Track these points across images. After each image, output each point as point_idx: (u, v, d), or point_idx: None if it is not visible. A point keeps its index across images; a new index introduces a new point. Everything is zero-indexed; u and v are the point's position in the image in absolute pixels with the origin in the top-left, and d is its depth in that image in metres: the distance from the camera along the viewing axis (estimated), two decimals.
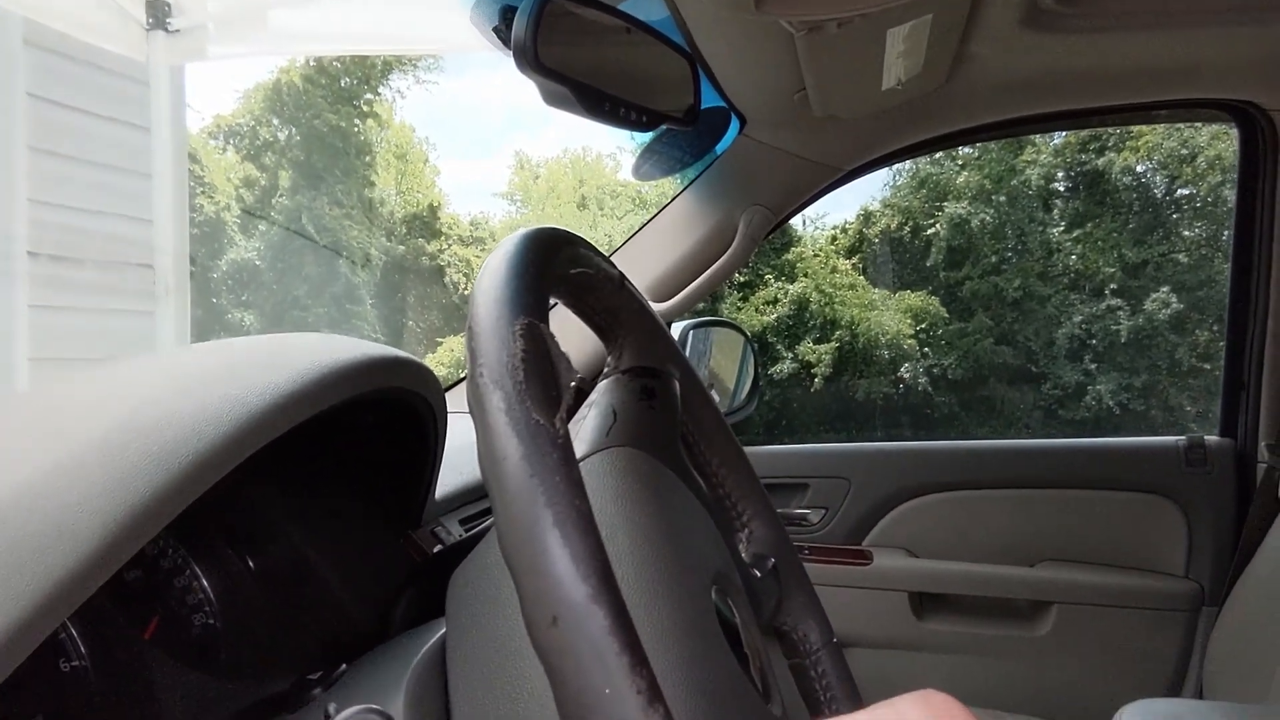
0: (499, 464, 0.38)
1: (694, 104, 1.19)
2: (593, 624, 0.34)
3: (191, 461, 0.54)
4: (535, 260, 0.47)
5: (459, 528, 0.96)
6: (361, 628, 0.86)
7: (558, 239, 0.53)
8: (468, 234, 13.74)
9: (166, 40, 3.12)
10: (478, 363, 0.41)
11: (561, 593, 0.35)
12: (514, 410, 0.39)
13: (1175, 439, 1.90)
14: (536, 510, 0.36)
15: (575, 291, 0.59)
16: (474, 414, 0.40)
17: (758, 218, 1.65)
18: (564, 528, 0.36)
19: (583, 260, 0.57)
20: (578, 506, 0.37)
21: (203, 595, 0.80)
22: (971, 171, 11.77)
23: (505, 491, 0.37)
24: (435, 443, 0.85)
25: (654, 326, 0.66)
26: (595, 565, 0.35)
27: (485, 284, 0.45)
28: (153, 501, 0.51)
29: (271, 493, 0.85)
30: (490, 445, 0.39)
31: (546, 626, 0.35)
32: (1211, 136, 10.53)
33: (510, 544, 0.37)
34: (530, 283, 0.45)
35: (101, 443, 0.54)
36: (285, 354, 0.67)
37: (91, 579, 0.48)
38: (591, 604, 0.34)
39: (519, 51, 0.92)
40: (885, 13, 1.08)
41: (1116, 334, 10.95)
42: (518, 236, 0.49)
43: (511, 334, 0.41)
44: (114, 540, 0.49)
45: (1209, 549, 1.85)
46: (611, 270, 0.61)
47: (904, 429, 11.14)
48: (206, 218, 12.19)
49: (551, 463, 0.37)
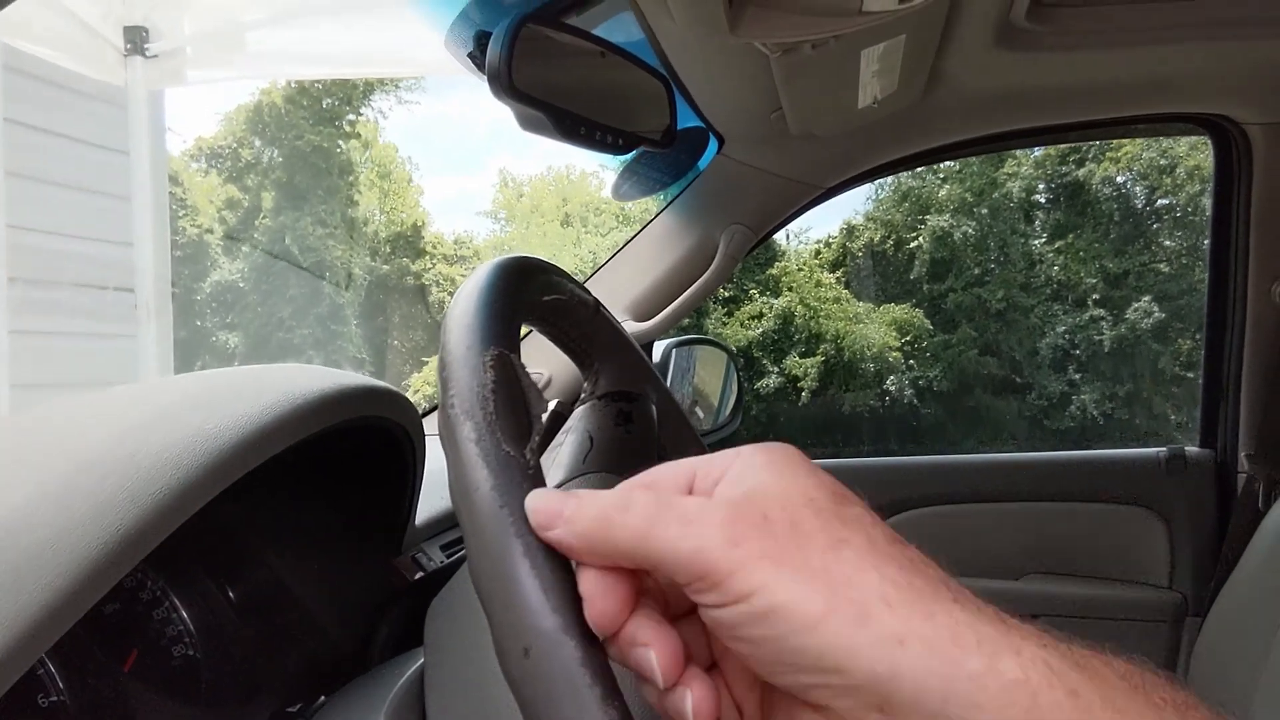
0: (469, 494, 0.38)
1: (670, 126, 1.19)
2: (564, 655, 0.34)
3: (168, 495, 0.54)
4: (506, 289, 0.48)
5: (440, 553, 0.96)
6: (343, 655, 0.86)
7: (529, 267, 0.53)
8: (452, 252, 13.73)
9: (145, 65, 3.12)
10: (449, 393, 0.41)
11: (532, 623, 0.34)
12: (484, 441, 0.39)
13: (1156, 450, 1.90)
14: (507, 540, 0.36)
15: (549, 318, 0.59)
16: (445, 444, 0.40)
17: (738, 236, 1.66)
18: (534, 558, 0.36)
19: (556, 287, 0.57)
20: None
21: (182, 626, 0.79)
22: (953, 184, 11.84)
23: (475, 522, 0.37)
24: (414, 469, 0.85)
25: (629, 350, 0.67)
26: (566, 595, 0.35)
27: (456, 314, 0.45)
28: (128, 537, 0.51)
29: (251, 520, 0.84)
30: (461, 475, 0.39)
31: (518, 658, 0.34)
32: (1190, 147, 10.63)
33: (481, 575, 0.37)
34: (501, 312, 0.46)
35: (77, 476, 0.54)
36: (261, 386, 0.67)
37: (67, 615, 0.48)
38: (563, 635, 0.34)
39: (493, 77, 0.93)
40: (859, 33, 1.09)
41: (1099, 344, 11.02)
42: (489, 266, 0.49)
43: (482, 364, 0.42)
44: (89, 577, 0.49)
45: (1191, 560, 1.86)
46: (585, 296, 0.61)
47: (891, 441, 11.17)
48: (189, 239, 12.15)
49: (522, 493, 0.38)
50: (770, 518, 0.34)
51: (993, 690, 0.30)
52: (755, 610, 0.32)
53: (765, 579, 0.32)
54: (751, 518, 0.34)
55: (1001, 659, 0.31)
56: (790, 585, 0.32)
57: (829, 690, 0.32)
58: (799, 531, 0.33)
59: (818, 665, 0.32)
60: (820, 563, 0.32)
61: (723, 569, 0.33)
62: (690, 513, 0.35)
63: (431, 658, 0.60)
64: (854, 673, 0.31)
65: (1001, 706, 0.30)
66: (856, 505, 0.36)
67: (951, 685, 0.30)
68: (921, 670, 0.30)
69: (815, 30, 1.05)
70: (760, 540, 0.33)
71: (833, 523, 0.34)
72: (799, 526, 0.33)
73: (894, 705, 0.31)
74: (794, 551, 0.33)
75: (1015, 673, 0.30)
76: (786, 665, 0.33)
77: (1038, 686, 0.30)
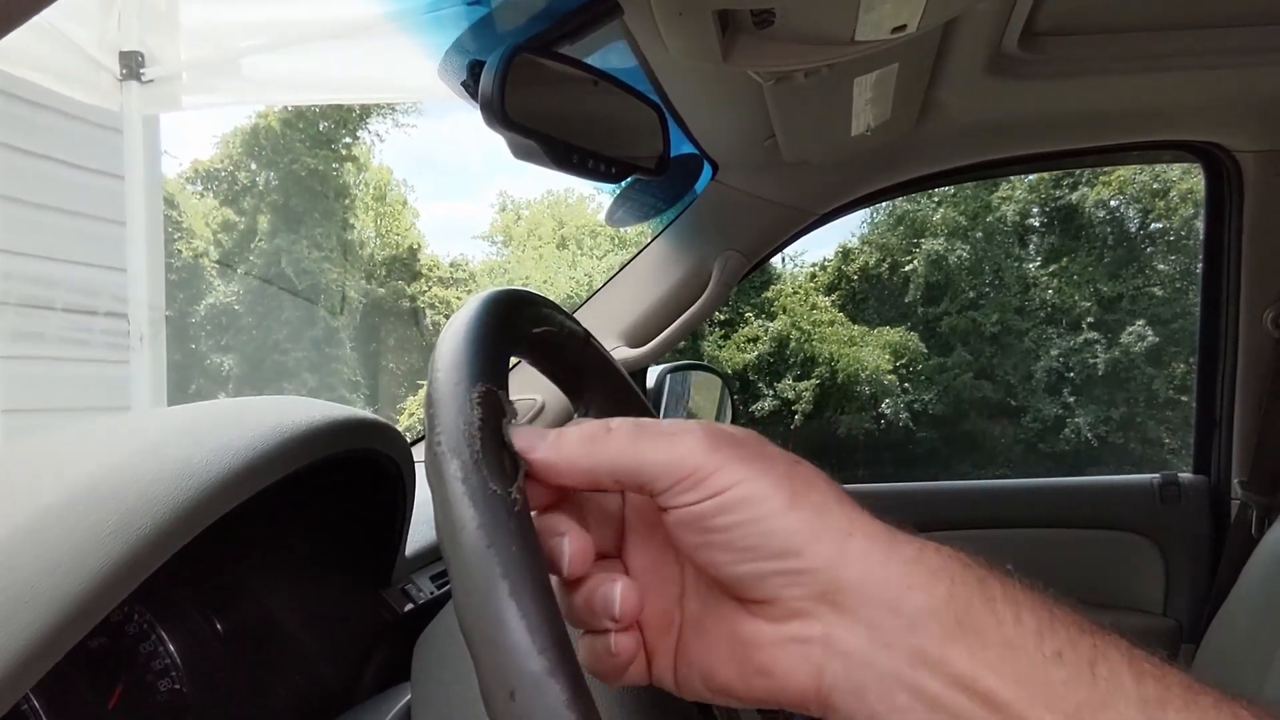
0: (455, 533, 0.37)
1: (664, 153, 1.19)
2: (550, 697, 0.33)
3: (153, 531, 0.53)
4: (495, 323, 0.47)
5: (430, 584, 0.95)
6: (331, 689, 0.85)
7: (518, 300, 0.52)
8: (448, 275, 13.76)
9: (140, 90, 3.13)
10: (435, 430, 0.41)
11: (518, 665, 0.34)
12: (470, 479, 0.38)
13: (1150, 476, 1.90)
14: (492, 580, 0.36)
15: (539, 351, 0.59)
16: (431, 482, 0.40)
17: (732, 262, 1.66)
18: (520, 598, 0.35)
19: (545, 319, 0.56)
20: (534, 576, 0.36)
21: (169, 660, 0.78)
22: (947, 208, 11.90)
23: (461, 561, 0.37)
24: (404, 500, 0.85)
25: (620, 382, 0.66)
26: (553, 636, 0.35)
27: (444, 349, 0.45)
28: (113, 574, 0.51)
29: (239, 552, 0.84)
30: (447, 514, 0.38)
31: (504, 700, 0.34)
32: (1183, 171, 10.71)
33: (466, 614, 0.36)
34: (489, 347, 0.45)
35: (63, 511, 0.53)
36: (249, 419, 0.66)
37: (50, 653, 0.48)
38: (549, 677, 0.34)
39: (486, 106, 0.93)
40: (852, 63, 1.09)
41: (1094, 367, 11.05)
42: (478, 299, 0.49)
43: (469, 401, 0.41)
44: (71, 616, 0.48)
45: (1186, 586, 1.85)
46: (575, 328, 0.61)
47: (886, 466, 11.16)
48: (185, 263, 12.17)
49: (507, 531, 0.37)
50: (740, 440, 0.40)
51: (922, 574, 0.36)
52: (733, 498, 0.37)
53: (742, 475, 0.38)
54: (724, 435, 0.39)
55: (927, 552, 0.37)
56: (762, 480, 0.37)
57: (783, 577, 0.37)
58: (765, 452, 0.39)
59: (780, 549, 0.37)
60: (785, 470, 0.38)
61: (705, 469, 0.38)
62: (669, 430, 0.40)
63: (419, 692, 0.59)
64: (810, 556, 0.36)
65: (929, 587, 0.35)
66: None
67: (889, 570, 0.36)
68: (865, 556, 0.36)
69: (808, 59, 1.05)
70: (735, 449, 0.39)
71: (789, 454, 0.40)
72: (764, 449, 0.40)
73: (840, 590, 0.36)
74: (763, 460, 0.38)
75: (937, 562, 0.36)
76: (751, 551, 0.37)
77: (955, 573, 0.36)
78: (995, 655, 0.34)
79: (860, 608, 0.36)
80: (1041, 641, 0.34)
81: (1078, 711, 0.33)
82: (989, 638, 0.34)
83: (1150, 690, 0.33)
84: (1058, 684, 0.33)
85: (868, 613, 0.36)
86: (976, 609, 0.35)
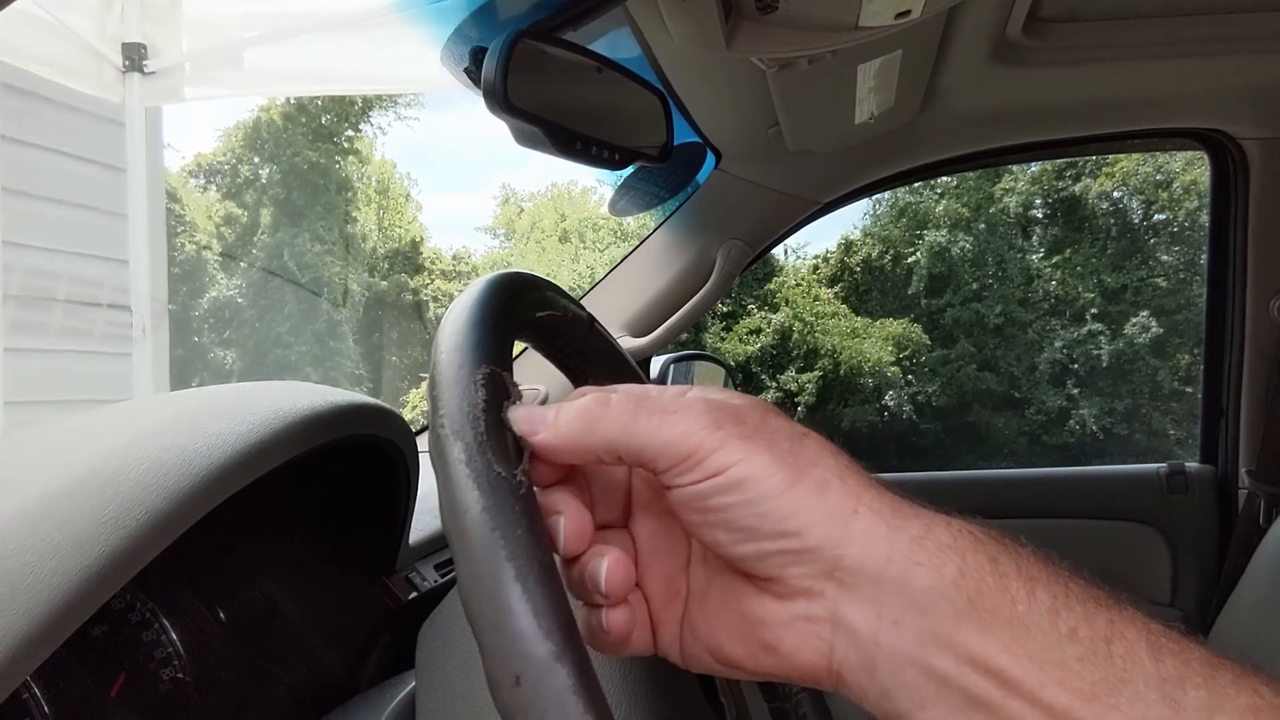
0: (460, 516, 0.37)
1: (667, 141, 1.18)
2: (556, 683, 0.33)
3: (154, 517, 0.53)
4: (498, 306, 0.47)
5: (434, 573, 0.95)
6: (334, 678, 0.84)
7: (522, 283, 0.52)
8: (450, 268, 13.76)
9: (143, 82, 3.12)
10: (439, 413, 0.40)
11: (524, 650, 0.33)
12: (475, 461, 0.38)
13: (1156, 466, 1.89)
14: (498, 564, 0.35)
15: (543, 335, 0.58)
16: (435, 465, 0.39)
17: (735, 251, 1.66)
18: (526, 582, 0.35)
19: (549, 303, 0.56)
20: (540, 560, 0.36)
21: (171, 649, 0.78)
22: (950, 200, 11.88)
23: (466, 545, 0.36)
24: (407, 487, 0.84)
25: (624, 366, 0.66)
26: (559, 621, 0.34)
27: (447, 332, 0.44)
28: (113, 560, 0.50)
29: (241, 540, 0.83)
30: (451, 497, 0.38)
31: (510, 686, 0.33)
32: (1186, 162, 10.68)
33: (472, 599, 0.36)
34: (493, 329, 0.45)
35: (62, 498, 0.53)
36: (250, 404, 0.66)
37: (49, 639, 0.47)
38: (555, 662, 0.33)
39: (489, 93, 0.92)
40: (855, 49, 1.08)
41: (1098, 359, 11.03)
42: (481, 283, 0.48)
43: (473, 383, 0.41)
44: (72, 600, 0.48)
45: (1194, 577, 1.85)
46: (580, 312, 0.60)
47: (890, 457, 11.16)
48: (187, 256, 12.17)
49: (513, 514, 0.36)
50: (742, 415, 0.39)
51: (930, 551, 0.35)
52: (731, 479, 0.36)
53: (743, 454, 0.37)
54: (726, 410, 0.38)
55: (936, 528, 0.36)
56: (764, 458, 0.37)
57: (784, 557, 0.37)
58: (768, 427, 0.38)
59: (781, 529, 0.36)
60: (788, 447, 0.37)
61: (707, 448, 0.37)
62: (669, 404, 0.39)
63: (423, 681, 0.59)
64: (811, 535, 0.36)
65: (938, 565, 0.35)
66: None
67: (894, 547, 0.35)
68: (869, 533, 0.36)
69: (811, 46, 1.05)
70: (737, 426, 0.38)
71: (795, 426, 0.39)
72: (767, 423, 0.39)
73: (843, 569, 0.36)
74: (766, 437, 0.37)
75: (947, 539, 0.36)
76: (750, 531, 0.37)
77: (965, 550, 0.35)
78: (1008, 633, 0.34)
79: (865, 586, 0.35)
80: (1056, 618, 0.34)
81: (1093, 689, 0.32)
82: (1001, 615, 0.34)
83: (1168, 667, 0.33)
84: (1072, 661, 0.33)
85: (873, 591, 0.35)
86: (989, 587, 0.34)
